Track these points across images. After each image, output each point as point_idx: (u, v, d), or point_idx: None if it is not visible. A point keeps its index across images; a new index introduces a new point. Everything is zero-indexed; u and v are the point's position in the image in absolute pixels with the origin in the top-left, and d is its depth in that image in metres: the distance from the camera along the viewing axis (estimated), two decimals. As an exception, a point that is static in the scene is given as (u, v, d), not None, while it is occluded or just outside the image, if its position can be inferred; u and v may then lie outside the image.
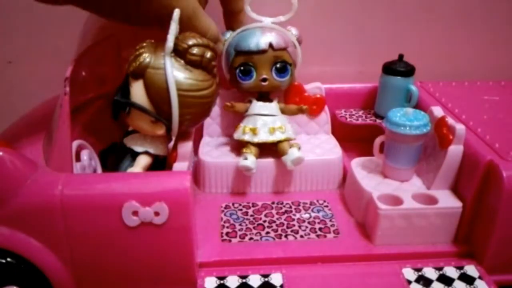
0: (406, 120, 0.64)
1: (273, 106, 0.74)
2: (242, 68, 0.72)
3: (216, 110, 0.80)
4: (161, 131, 0.60)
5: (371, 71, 0.85)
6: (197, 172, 0.75)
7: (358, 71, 0.91)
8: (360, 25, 0.90)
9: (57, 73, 0.89)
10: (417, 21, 0.90)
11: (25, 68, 0.90)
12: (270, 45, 0.71)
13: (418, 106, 0.77)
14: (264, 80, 0.72)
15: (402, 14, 0.89)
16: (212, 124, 0.82)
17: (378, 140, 0.69)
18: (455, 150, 0.63)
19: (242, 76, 0.73)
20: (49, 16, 0.86)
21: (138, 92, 0.58)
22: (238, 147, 0.76)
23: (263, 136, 0.71)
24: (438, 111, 0.68)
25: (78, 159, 0.62)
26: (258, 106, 0.74)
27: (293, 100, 0.79)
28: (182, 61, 0.58)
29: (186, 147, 0.62)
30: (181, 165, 0.61)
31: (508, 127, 0.67)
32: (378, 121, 0.82)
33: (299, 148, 0.72)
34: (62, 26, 0.87)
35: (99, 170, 0.66)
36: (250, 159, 0.69)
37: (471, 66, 0.92)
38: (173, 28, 0.57)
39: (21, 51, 0.89)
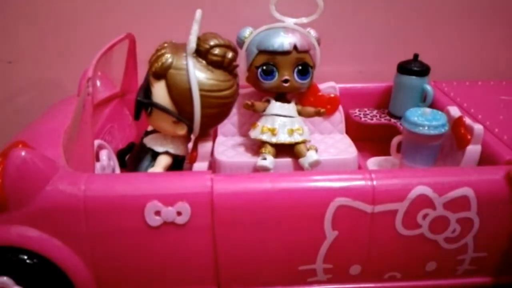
0: (424, 120, 0.64)
1: (291, 108, 0.74)
2: (264, 67, 0.72)
3: (230, 109, 0.80)
4: (182, 131, 0.60)
5: (384, 71, 0.85)
6: (212, 172, 0.75)
7: (374, 70, 0.91)
8: (372, 25, 0.90)
9: (57, 73, 0.90)
10: (429, 22, 0.90)
11: (25, 68, 0.90)
12: (295, 47, 0.71)
13: (433, 105, 0.77)
14: (286, 81, 0.72)
15: (414, 14, 0.90)
16: (227, 123, 0.82)
17: (395, 140, 0.69)
18: (473, 150, 0.64)
19: (264, 76, 0.72)
20: (49, 16, 0.87)
21: (160, 92, 0.58)
22: (253, 146, 0.76)
23: (282, 137, 0.71)
24: (455, 111, 0.68)
25: (97, 159, 0.62)
26: (277, 107, 0.73)
27: (308, 99, 0.79)
28: (204, 62, 0.58)
29: (206, 147, 0.62)
30: (201, 165, 0.61)
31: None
32: (393, 120, 0.82)
33: (316, 151, 0.72)
34: (62, 26, 0.87)
35: (117, 170, 0.66)
36: (268, 159, 0.69)
37: (482, 66, 0.93)
38: (195, 28, 0.57)
39: (21, 51, 0.89)
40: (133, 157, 0.65)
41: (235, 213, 0.55)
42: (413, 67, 0.79)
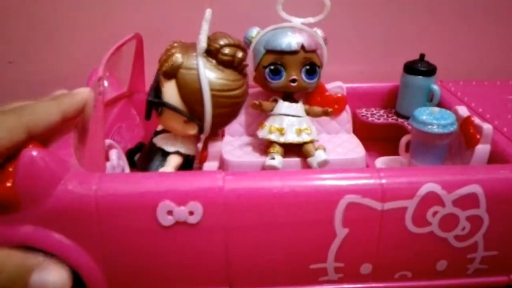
0: (433, 119, 0.65)
1: (299, 107, 0.74)
2: (271, 67, 0.72)
3: (237, 109, 0.80)
4: (193, 131, 0.60)
5: (390, 71, 0.85)
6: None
7: (381, 70, 0.91)
8: (378, 25, 0.90)
9: (58, 73, 0.90)
10: (435, 21, 0.91)
11: (25, 68, 0.90)
12: (302, 46, 0.71)
13: (440, 105, 0.77)
14: (294, 81, 0.72)
15: (420, 14, 0.90)
16: (234, 123, 0.81)
17: (404, 139, 0.69)
18: (482, 149, 0.64)
19: (271, 76, 0.73)
20: (50, 16, 0.86)
21: (170, 92, 0.58)
22: (260, 146, 0.76)
23: (290, 137, 0.71)
24: (463, 111, 0.68)
25: (107, 159, 0.62)
26: (284, 106, 0.74)
27: (315, 99, 0.79)
28: (214, 61, 0.59)
29: (216, 146, 0.62)
30: (211, 165, 0.62)
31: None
32: (401, 120, 0.82)
33: (325, 150, 0.72)
34: (62, 26, 0.87)
35: (127, 169, 0.66)
36: (277, 159, 0.69)
37: (489, 65, 0.93)
38: (205, 28, 0.58)
39: (21, 51, 0.89)
40: (143, 157, 0.65)
41: (247, 211, 0.55)
42: (419, 67, 0.79)
